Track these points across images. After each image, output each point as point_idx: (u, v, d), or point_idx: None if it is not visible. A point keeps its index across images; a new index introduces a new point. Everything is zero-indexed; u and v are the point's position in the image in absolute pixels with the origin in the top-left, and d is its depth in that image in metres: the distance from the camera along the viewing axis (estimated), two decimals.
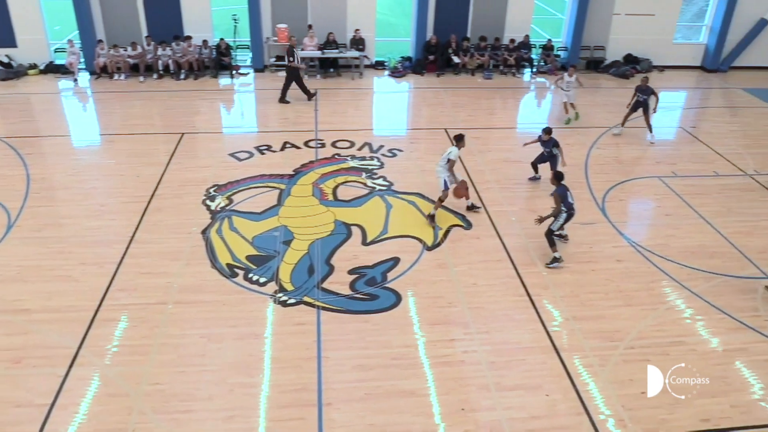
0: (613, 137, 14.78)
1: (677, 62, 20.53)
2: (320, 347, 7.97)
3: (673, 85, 19.41)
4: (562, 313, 8.80)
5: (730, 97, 18.55)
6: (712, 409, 7.32)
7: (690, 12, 22.42)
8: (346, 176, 12.31)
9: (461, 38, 18.93)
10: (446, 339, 8.22)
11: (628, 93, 17.88)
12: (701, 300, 9.21)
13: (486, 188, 12.03)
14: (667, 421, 7.14)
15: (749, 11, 19.75)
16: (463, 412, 7.12)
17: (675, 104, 18.29)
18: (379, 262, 9.72)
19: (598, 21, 19.56)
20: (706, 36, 20.58)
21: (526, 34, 19.28)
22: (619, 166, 13.34)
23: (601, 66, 19.90)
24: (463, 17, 19.24)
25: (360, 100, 17.08)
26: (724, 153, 14.12)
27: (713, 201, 12.02)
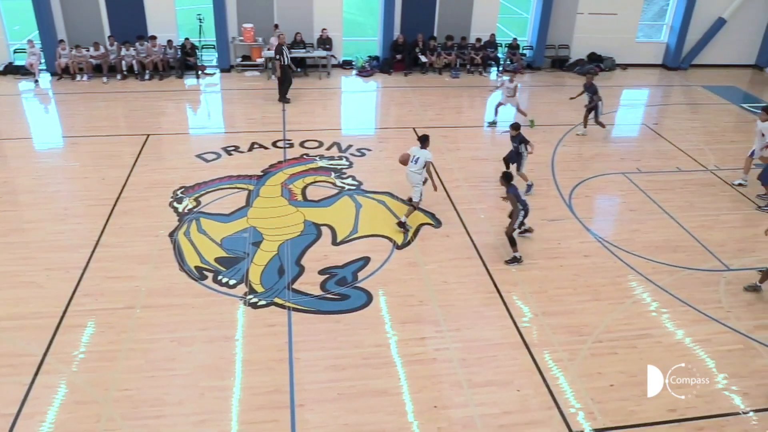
0: (577, 135, 14.99)
1: (640, 60, 20.94)
2: (292, 348, 7.94)
3: (636, 82, 19.80)
4: (531, 309, 8.91)
5: (691, 94, 18.99)
6: (678, 400, 7.49)
7: (651, 11, 22.89)
8: (315, 176, 12.27)
9: (428, 37, 19.02)
10: (418, 337, 8.25)
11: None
12: (666, 293, 9.41)
13: (455, 186, 12.12)
14: (635, 412, 7.29)
15: (707, 10, 20.24)
16: (435, 410, 7.17)
17: (638, 101, 18.68)
18: (350, 261, 9.71)
19: (563, 20, 19.84)
20: (667, 35, 21.04)
21: (492, 33, 19.46)
22: (584, 163, 13.55)
23: (565, 65, 20.19)
24: (429, 16, 19.32)
25: (328, 99, 17.04)
26: (685, 149, 14.45)
27: (676, 196, 12.29)
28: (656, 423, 7.17)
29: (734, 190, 12.65)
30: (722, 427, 7.19)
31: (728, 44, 20.94)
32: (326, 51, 18.31)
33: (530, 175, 12.81)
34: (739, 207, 12.03)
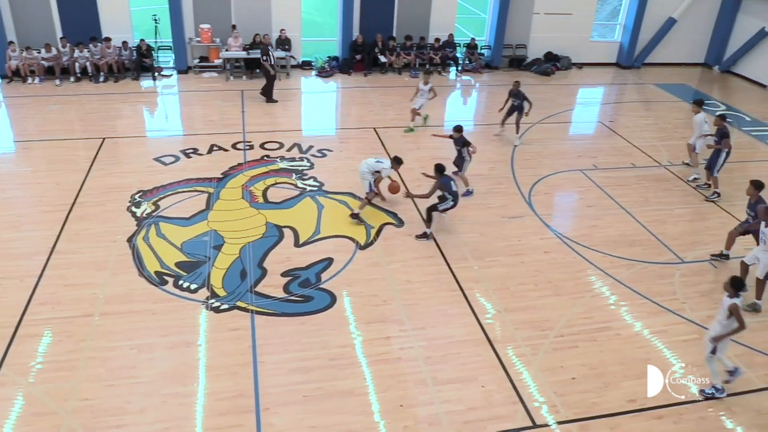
0: (535, 132, 15.21)
1: (594, 59, 21.39)
2: (256, 352, 7.87)
3: (591, 81, 20.20)
4: (494, 306, 9.02)
5: (644, 92, 19.47)
6: (638, 390, 7.67)
7: (605, 11, 23.40)
8: (276, 178, 12.19)
9: (387, 37, 19.07)
10: (382, 337, 8.28)
11: (550, 90, 18.67)
12: (624, 286, 9.64)
13: (417, 186, 12.15)
14: (597, 404, 7.45)
15: (658, 11, 20.80)
16: (401, 408, 7.19)
17: (594, 100, 19.06)
18: (313, 263, 9.68)
19: (519, 20, 20.12)
20: (620, 34, 21.53)
21: (451, 33, 19.61)
22: (543, 161, 13.76)
23: (523, 64, 20.47)
24: (388, 17, 19.38)
25: (288, 100, 16.92)
26: (640, 145, 14.80)
27: (632, 191, 12.59)
28: (617, 413, 7.33)
29: (687, 185, 13.02)
30: (680, 415, 7.39)
31: (678, 43, 21.57)
32: (285, 52, 18.20)
33: (490, 173, 13.00)
34: (691, 201, 12.39)
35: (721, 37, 21.47)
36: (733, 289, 7.24)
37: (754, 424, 7.34)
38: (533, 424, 7.11)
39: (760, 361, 8.32)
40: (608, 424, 7.18)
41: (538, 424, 7.11)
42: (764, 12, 19.94)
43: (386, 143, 14.05)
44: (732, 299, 7.19)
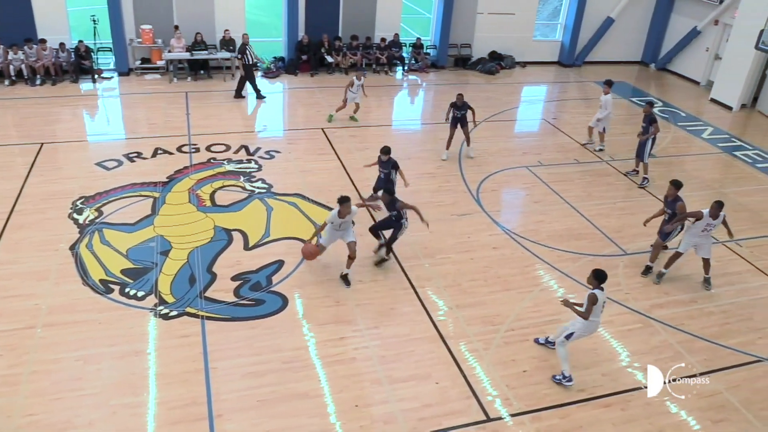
0: (481, 130, 15.43)
1: (537, 58, 21.85)
2: (207, 358, 7.74)
3: (535, 79, 20.63)
4: (446, 303, 9.12)
5: (585, 89, 19.99)
6: (586, 380, 7.90)
7: (546, 11, 23.91)
8: (223, 180, 12.01)
9: (333, 37, 19.02)
10: (336, 338, 8.26)
11: (495, 88, 18.98)
12: (571, 279, 9.89)
13: (367, 186, 12.18)
14: (548, 395, 7.63)
15: (597, 10, 21.40)
16: (357, 409, 7.20)
17: (537, 98, 19.45)
18: (264, 266, 9.59)
19: (464, 20, 20.37)
20: (561, 34, 22.06)
21: (396, 32, 19.71)
22: (490, 158, 13.97)
23: (468, 63, 20.74)
24: (333, 16, 19.32)
25: (233, 101, 16.68)
26: (583, 141, 15.19)
27: (575, 187, 12.92)
28: (567, 403, 7.53)
29: (627, 179, 13.44)
30: (627, 402, 7.64)
31: (617, 42, 22.25)
32: (230, 52, 17.94)
33: (439, 172, 13.12)
34: (632, 195, 12.80)
35: (656, 36, 22.26)
36: (597, 281, 7.43)
37: (696, 407, 7.64)
38: (487, 418, 7.22)
39: (699, 346, 8.68)
40: (559, 414, 7.36)
41: (492, 418, 7.24)
42: (696, 12, 20.77)
43: (334, 144, 14.03)
44: (594, 290, 7.44)
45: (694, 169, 14.39)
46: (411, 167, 13.14)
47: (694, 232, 9.67)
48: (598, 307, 7.42)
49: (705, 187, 13.39)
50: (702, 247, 9.80)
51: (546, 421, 7.27)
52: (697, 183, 13.42)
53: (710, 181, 13.89)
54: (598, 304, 7.39)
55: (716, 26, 20.24)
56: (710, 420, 7.47)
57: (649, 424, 7.34)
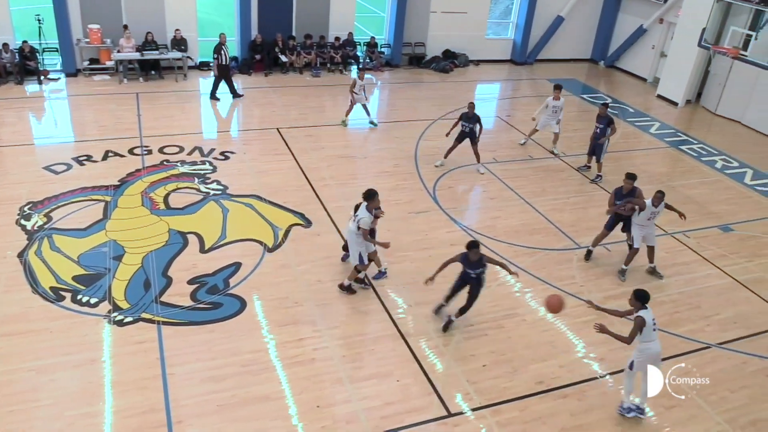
0: (437, 128, 15.54)
1: (490, 56, 22.12)
2: (164, 364, 7.61)
3: (488, 77, 20.89)
4: (405, 300, 9.16)
5: (537, 87, 20.34)
6: (544, 372, 8.06)
7: (498, 10, 24.22)
8: (177, 183, 11.80)
9: (287, 37, 18.88)
10: (296, 339, 8.22)
11: (450, 86, 19.11)
12: (527, 274, 10.05)
13: (323, 185, 12.16)
14: (507, 388, 7.75)
15: (548, 9, 21.79)
16: (319, 409, 7.18)
17: (491, 95, 19.72)
18: (220, 268, 9.46)
19: (417, 19, 20.48)
20: (513, 32, 22.38)
21: (350, 31, 19.68)
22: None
23: (422, 62, 20.86)
24: (287, 15, 19.18)
25: (186, 102, 16.42)
26: (536, 138, 15.44)
27: (530, 183, 13.14)
28: (527, 396, 7.67)
29: (579, 173, 13.74)
30: (584, 392, 7.82)
31: (567, 40, 22.70)
32: (181, 52, 17.62)
33: (396, 170, 13.17)
34: (584, 189, 13.09)
35: (604, 34, 22.79)
36: (639, 302, 7.06)
37: None
38: (448, 414, 7.29)
39: None
40: (518, 407, 7.48)
41: (453, 413, 7.31)
42: (642, 11, 21.34)
43: (290, 144, 13.93)
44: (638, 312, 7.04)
45: (643, 163, 14.79)
46: (367, 166, 13.20)
47: (641, 222, 9.96)
48: (648, 329, 6.97)
49: (654, 180, 13.76)
50: (648, 236, 10.13)
51: (506, 414, 7.38)
52: (646, 177, 13.77)
53: (658, 174, 14.30)
54: (648, 325, 6.95)
55: (661, 24, 20.85)
56: (663, 406, 7.70)
57: (605, 413, 7.53)
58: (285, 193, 11.67)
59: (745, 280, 10.46)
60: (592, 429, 7.30)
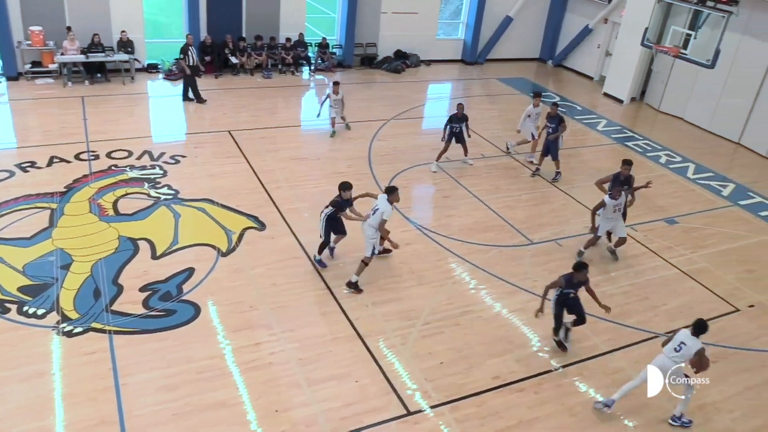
0: (390, 128, 15.61)
1: (441, 56, 22.31)
2: (117, 374, 7.42)
3: (440, 77, 21.07)
4: (362, 301, 9.16)
5: (488, 86, 20.62)
6: (500, 367, 8.18)
7: (448, 10, 24.43)
8: (126, 188, 11.53)
9: (237, 38, 18.65)
10: (252, 343, 8.13)
11: (402, 86, 19.19)
12: (482, 271, 10.18)
13: (276, 187, 12.06)
14: (465, 384, 7.83)
15: (497, 9, 22.10)
16: (277, 414, 7.12)
17: (443, 95, 19.91)
18: (173, 274, 9.28)
19: (368, 19, 20.50)
20: (464, 32, 22.63)
21: (301, 32, 19.56)
22: (399, 155, 14.14)
23: (374, 62, 20.90)
24: (236, 16, 18.94)
25: (134, 106, 16.05)
26: (488, 137, 15.67)
27: (483, 181, 13.31)
28: (484, 391, 7.77)
29: (531, 170, 13.97)
30: (539, 385, 7.97)
31: (516, 40, 23.07)
32: (128, 54, 17.22)
33: (349, 171, 13.15)
34: (536, 186, 13.33)
35: (552, 34, 23.26)
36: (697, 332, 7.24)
37: (602, 384, 8.08)
38: (407, 412, 7.33)
39: (603, 327, 9.16)
40: (476, 402, 7.58)
41: (412, 411, 7.35)
42: (587, 11, 21.86)
43: (242, 146, 13.77)
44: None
45: (591, 159, 15.16)
46: (321, 167, 13.16)
47: (607, 214, 10.31)
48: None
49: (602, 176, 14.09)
50: (617, 228, 10.55)
51: (464, 410, 7.46)
52: (595, 172, 14.08)
53: (606, 170, 14.55)
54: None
55: (606, 24, 21.40)
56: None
57: (560, 405, 7.69)
58: (238, 197, 11.53)
59: (690, 271, 10.83)
60: (547, 420, 7.45)
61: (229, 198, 11.45)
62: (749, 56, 16.69)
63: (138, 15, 17.74)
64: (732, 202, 13.74)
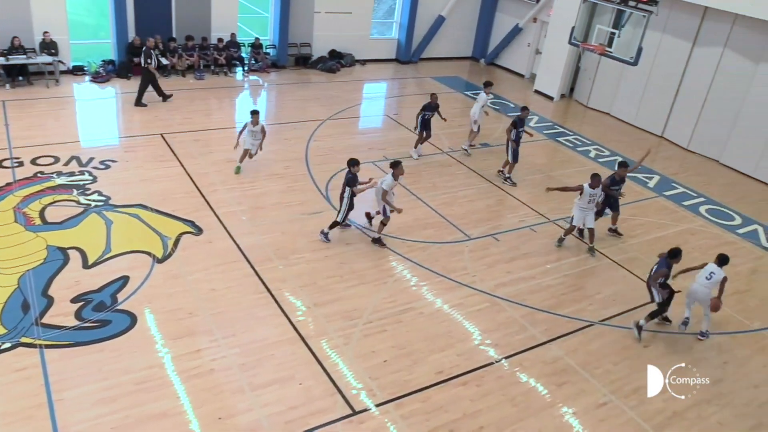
0: (326, 128, 15.57)
1: (376, 56, 22.40)
2: (50, 390, 7.13)
3: (375, 77, 21.14)
4: (304, 302, 9.12)
5: (422, 85, 20.82)
6: (443, 362, 8.29)
7: (381, 10, 24.54)
8: (53, 196, 11.08)
9: (167, 39, 18.19)
10: (192, 350, 7.97)
11: (337, 87, 19.15)
12: (422, 268, 10.30)
13: (212, 191, 11.84)
14: (409, 381, 7.91)
15: (429, 9, 22.36)
16: (221, 421, 7.01)
17: (378, 94, 19.99)
18: (107, 284, 8.98)
19: (302, 19, 20.37)
20: (397, 32, 22.79)
21: (233, 32, 19.25)
22: (337, 156, 14.09)
23: (309, 62, 20.78)
24: (166, 16, 18.46)
25: (60, 110, 15.41)
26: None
27: (421, 179, 13.45)
28: (428, 387, 7.86)
29: (467, 168, 14.22)
30: (482, 377, 8.13)
31: (449, 39, 23.41)
32: (52, 56, 16.53)
33: (287, 172, 13.05)
34: (472, 183, 13.58)
35: (483, 33, 23.72)
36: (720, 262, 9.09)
37: (542, 373, 8.32)
38: (353, 411, 7.34)
39: (541, 318, 9.43)
40: (420, 398, 7.66)
41: (358, 410, 7.36)
42: (517, 11, 22.40)
43: (175, 149, 13.44)
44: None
45: (524, 155, 15.46)
46: (258, 169, 13.00)
47: (582, 204, 10.87)
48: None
49: (536, 171, 14.52)
50: (587, 219, 11.05)
51: (409, 406, 7.53)
52: (529, 168, 14.50)
53: (540, 165, 15.09)
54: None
55: (535, 23, 21.98)
56: (554, 384, 8.16)
57: (502, 396, 7.87)
58: (173, 201, 11.27)
59: (621, 260, 11.27)
60: (491, 412, 7.60)
61: (163, 203, 11.17)
62: (669, 53, 17.50)
63: (61, 15, 17.04)
64: (657, 193, 14.37)
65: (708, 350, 9.21)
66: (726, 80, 16.38)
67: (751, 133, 15.87)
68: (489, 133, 16.53)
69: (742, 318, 10.07)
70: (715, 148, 16.81)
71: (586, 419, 7.71)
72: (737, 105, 16.15)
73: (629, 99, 18.83)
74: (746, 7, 14.90)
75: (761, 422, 7.98)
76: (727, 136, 16.46)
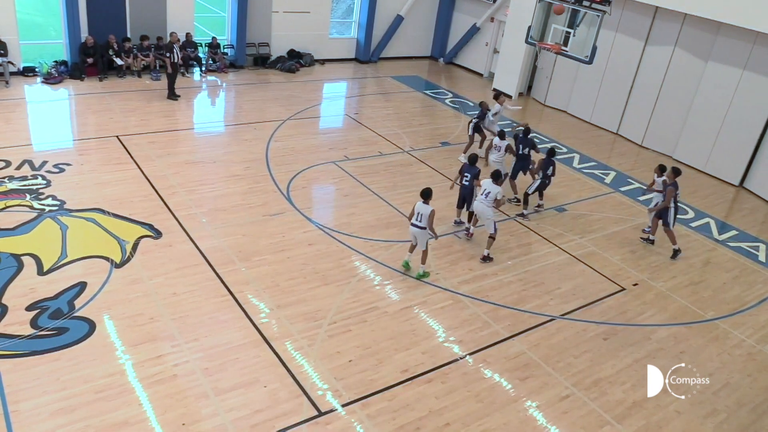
0: (287, 129, 15.47)
1: (335, 55, 22.36)
2: (5, 401, 6.92)
3: (334, 76, 21.10)
4: (267, 305, 9.05)
5: (382, 84, 20.87)
6: (408, 360, 8.33)
7: (340, 9, 24.50)
8: (5, 201, 10.74)
9: (121, 38, 17.81)
10: (154, 356, 7.83)
11: (297, 86, 19.06)
12: (385, 267, 10.32)
13: (171, 193, 11.65)
14: (375, 380, 7.92)
15: (388, 8, 22.42)
16: (185, 427, 6.90)
17: (338, 94, 19.95)
18: (63, 290, 8.76)
19: (260, 19, 20.19)
20: (356, 31, 22.78)
21: (189, 32, 18.94)
22: (297, 156, 14.04)
23: (267, 62, 20.61)
24: (120, 15, 18.05)
25: (10, 112, 14.94)
26: (384, 134, 15.88)
27: (382, 178, 13.48)
28: (393, 385, 7.88)
29: (428, 167, 14.31)
30: (446, 374, 8.19)
31: (408, 38, 23.53)
32: (1, 57, 16.02)
33: (247, 173, 12.92)
34: (434, 181, 13.62)
35: (442, 32, 23.88)
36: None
37: (506, 368, 8.43)
38: (319, 413, 7.32)
39: (503, 314, 9.55)
40: (386, 397, 7.68)
41: (324, 411, 7.35)
42: (474, 10, 22.62)
43: (132, 152, 13.17)
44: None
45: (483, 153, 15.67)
46: (217, 170, 12.86)
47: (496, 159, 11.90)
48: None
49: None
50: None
51: (375, 405, 7.54)
52: (488, 168, 14.64)
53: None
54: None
55: (493, 23, 22.23)
56: (518, 378, 8.27)
57: (467, 392, 7.94)
58: (130, 205, 11.04)
59: (580, 255, 11.49)
60: (456, 408, 7.67)
61: (120, 206, 10.94)
62: (623, 52, 17.91)
63: (10, 15, 16.52)
64: (614, 188, 14.70)
65: (665, 341, 9.46)
66: (677, 78, 16.86)
67: (702, 129, 16.36)
68: (449, 132, 16.67)
69: (697, 309, 10.39)
70: (667, 144, 17.29)
71: (550, 412, 7.85)
72: (688, 102, 16.63)
73: (585, 97, 19.21)
74: (694, 7, 15.36)
75: (716, 409, 8.24)
76: (679, 133, 16.94)
